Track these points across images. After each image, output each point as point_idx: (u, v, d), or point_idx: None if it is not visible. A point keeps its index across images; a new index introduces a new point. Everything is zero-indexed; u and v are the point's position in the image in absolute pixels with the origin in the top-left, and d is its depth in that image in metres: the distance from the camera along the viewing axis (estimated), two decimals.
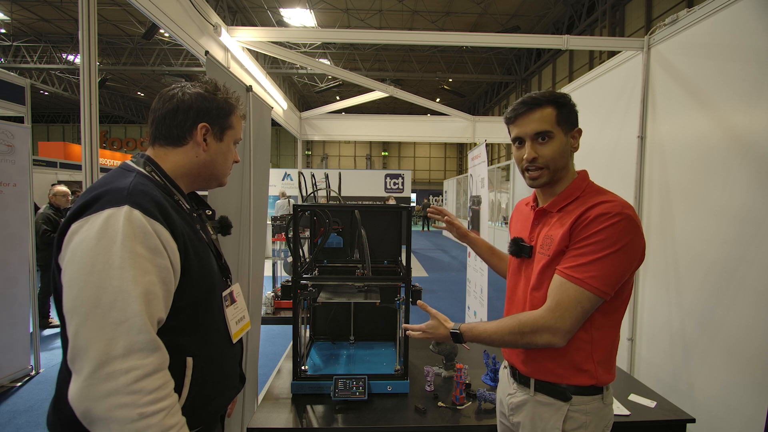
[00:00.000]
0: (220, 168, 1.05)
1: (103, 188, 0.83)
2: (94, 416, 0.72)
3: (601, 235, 0.98)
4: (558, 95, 1.10)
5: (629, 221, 0.98)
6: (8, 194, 3.26)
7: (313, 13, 12.40)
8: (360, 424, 1.41)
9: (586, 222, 1.01)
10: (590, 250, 0.99)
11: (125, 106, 22.75)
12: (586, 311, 1.00)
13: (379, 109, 20.36)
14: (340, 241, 2.10)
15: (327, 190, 2.69)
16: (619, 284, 1.01)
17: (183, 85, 1.01)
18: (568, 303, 0.99)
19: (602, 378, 1.07)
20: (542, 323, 1.01)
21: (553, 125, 1.08)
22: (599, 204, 1.02)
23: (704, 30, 2.06)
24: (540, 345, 1.03)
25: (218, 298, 1.01)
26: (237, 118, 1.06)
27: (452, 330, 1.15)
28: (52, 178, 9.54)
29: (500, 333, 1.07)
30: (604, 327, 1.06)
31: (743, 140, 1.80)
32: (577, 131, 1.12)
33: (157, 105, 0.99)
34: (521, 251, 1.16)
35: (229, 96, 1.04)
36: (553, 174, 1.10)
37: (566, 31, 12.00)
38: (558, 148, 1.08)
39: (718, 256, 1.92)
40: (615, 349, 1.11)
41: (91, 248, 0.76)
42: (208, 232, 1.06)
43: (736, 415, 1.79)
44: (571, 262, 1.01)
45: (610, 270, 0.98)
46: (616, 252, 0.97)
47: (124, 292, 0.75)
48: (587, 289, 0.98)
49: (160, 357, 0.78)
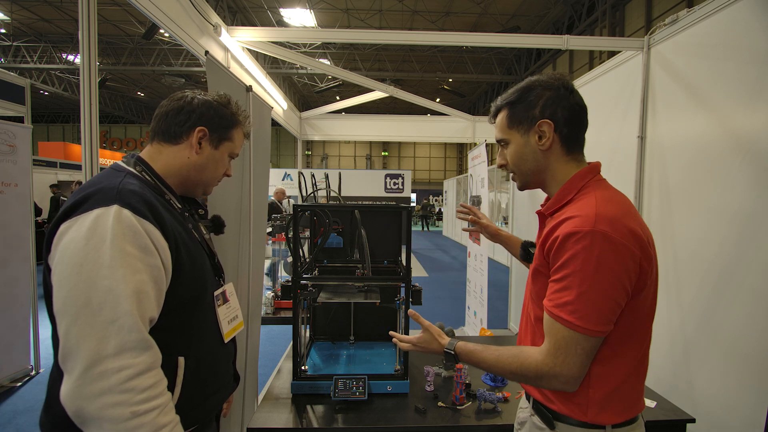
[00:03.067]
0: (209, 175, 1.05)
1: (93, 188, 0.83)
2: (87, 415, 0.72)
3: (576, 262, 0.84)
4: (511, 92, 1.01)
5: (603, 240, 0.82)
6: (9, 194, 3.26)
7: (313, 13, 12.40)
8: (360, 424, 1.41)
9: (556, 244, 0.88)
10: (569, 283, 0.85)
11: (125, 106, 22.74)
12: (588, 352, 0.87)
13: (379, 109, 20.35)
14: (340, 241, 2.10)
15: (327, 190, 2.68)
16: (615, 314, 0.86)
17: (196, 91, 1.03)
18: (566, 346, 0.86)
19: (599, 417, 0.91)
20: (546, 371, 0.88)
21: (505, 130, 1.02)
22: (567, 220, 0.88)
23: (704, 30, 2.06)
24: (552, 389, 0.94)
25: (210, 298, 1.01)
26: (239, 134, 1.07)
27: (446, 349, 1.04)
28: (52, 178, 9.54)
29: (500, 368, 0.96)
30: (610, 360, 0.90)
31: (743, 140, 1.80)
32: (543, 124, 0.95)
33: (165, 102, 1.01)
34: (528, 257, 1.13)
35: (237, 112, 1.06)
36: (524, 177, 1.04)
37: (566, 31, 11.99)
38: (514, 152, 1.01)
39: (718, 255, 1.92)
40: (631, 385, 0.92)
41: (80, 248, 0.76)
42: (201, 231, 1.06)
43: (736, 415, 1.79)
44: (555, 299, 0.88)
45: (597, 305, 0.83)
46: (598, 282, 0.83)
47: (114, 291, 0.75)
48: (578, 331, 0.84)
49: (152, 355, 0.78)
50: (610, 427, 0.92)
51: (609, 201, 0.90)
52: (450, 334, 2.14)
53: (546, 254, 0.92)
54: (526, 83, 1.00)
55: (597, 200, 0.89)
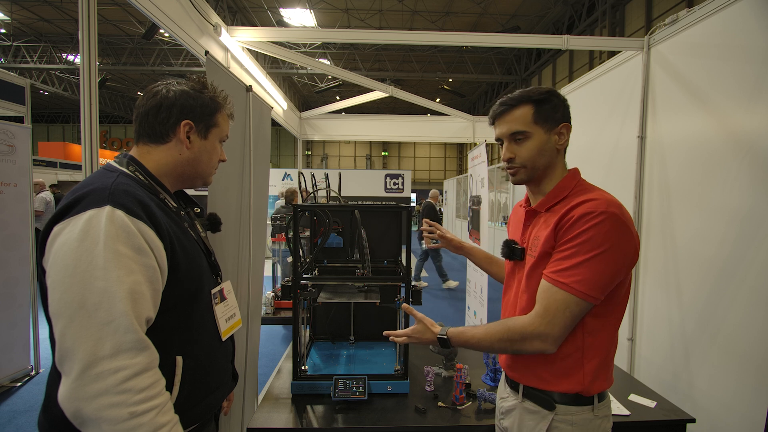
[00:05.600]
0: (204, 166, 1.03)
1: (85, 189, 0.82)
2: (85, 417, 0.72)
3: (586, 236, 0.94)
4: (537, 92, 1.06)
5: (615, 220, 0.94)
6: (9, 194, 3.26)
7: (313, 13, 12.40)
8: (360, 424, 1.41)
9: (569, 223, 0.97)
10: (575, 252, 0.95)
11: (125, 106, 22.74)
12: (575, 316, 0.97)
13: (379, 109, 20.36)
14: (340, 241, 2.10)
15: (327, 190, 2.67)
16: (609, 287, 0.97)
17: (168, 82, 0.99)
18: (556, 308, 0.96)
19: (592, 386, 1.02)
20: (531, 330, 0.98)
21: (529, 124, 1.06)
22: (583, 203, 0.98)
23: (704, 30, 2.06)
24: (531, 352, 1.01)
25: (207, 296, 1.01)
26: (223, 116, 1.05)
27: (439, 335, 1.11)
28: (52, 178, 9.54)
29: (489, 339, 1.04)
30: (598, 332, 1.01)
31: (743, 140, 1.80)
32: (564, 127, 1.07)
33: (141, 101, 0.97)
34: (513, 254, 1.14)
35: (215, 94, 1.03)
36: (532, 172, 1.09)
37: (566, 31, 11.99)
38: (535, 147, 1.06)
39: (717, 255, 1.92)
40: (611, 356, 1.06)
41: (73, 250, 0.76)
42: (197, 230, 1.06)
43: (736, 415, 1.79)
44: (557, 266, 0.98)
45: (597, 273, 0.93)
46: (602, 254, 0.93)
47: (109, 292, 0.75)
48: (574, 293, 0.94)
49: (149, 356, 0.78)
50: (596, 399, 1.04)
51: (609, 194, 1.03)
52: None
53: (557, 233, 1.00)
54: (548, 89, 1.08)
55: (602, 192, 1.02)
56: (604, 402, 1.06)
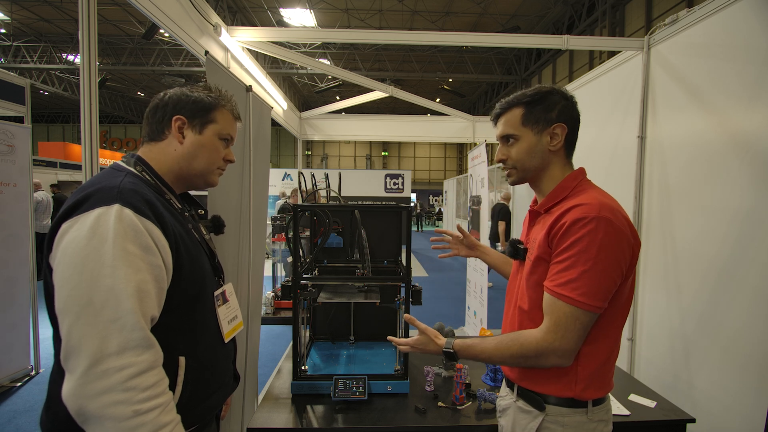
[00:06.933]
0: (202, 162, 1.01)
1: (94, 188, 0.83)
2: (88, 414, 0.72)
3: (581, 244, 0.93)
4: (529, 94, 1.07)
5: (608, 225, 0.92)
6: (8, 194, 3.26)
7: (313, 13, 12.40)
8: (360, 424, 1.40)
9: (562, 230, 0.96)
10: (573, 262, 0.94)
11: (125, 106, 22.73)
12: (585, 327, 0.96)
13: (379, 109, 20.36)
14: (340, 241, 2.10)
15: (327, 190, 2.67)
16: (611, 294, 0.96)
17: (177, 87, 1.04)
18: (566, 322, 0.95)
19: (585, 393, 1.01)
20: (546, 346, 0.96)
21: (517, 127, 1.08)
22: (574, 208, 0.97)
23: (704, 30, 2.06)
24: (547, 366, 1.00)
25: (210, 297, 1.01)
26: (222, 114, 1.04)
27: (445, 348, 1.10)
28: (52, 178, 9.53)
29: (500, 355, 1.03)
30: (595, 341, 1.00)
31: (743, 140, 1.80)
32: (558, 127, 1.05)
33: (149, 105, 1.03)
34: (517, 254, 1.15)
35: (211, 92, 1.04)
36: (523, 173, 1.10)
37: (566, 31, 11.99)
38: (523, 149, 1.07)
39: (717, 255, 1.92)
40: (609, 364, 1.04)
41: (82, 247, 0.76)
42: (201, 232, 1.06)
43: (736, 415, 1.79)
44: (559, 279, 0.96)
45: (599, 282, 0.93)
46: (600, 261, 0.92)
47: (116, 290, 0.75)
48: (580, 306, 0.93)
49: (154, 354, 0.78)
50: (591, 403, 1.03)
51: (605, 196, 1.02)
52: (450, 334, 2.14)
53: (551, 240, 1.00)
54: (546, 88, 1.07)
55: (596, 194, 1.01)
56: (601, 407, 1.05)
